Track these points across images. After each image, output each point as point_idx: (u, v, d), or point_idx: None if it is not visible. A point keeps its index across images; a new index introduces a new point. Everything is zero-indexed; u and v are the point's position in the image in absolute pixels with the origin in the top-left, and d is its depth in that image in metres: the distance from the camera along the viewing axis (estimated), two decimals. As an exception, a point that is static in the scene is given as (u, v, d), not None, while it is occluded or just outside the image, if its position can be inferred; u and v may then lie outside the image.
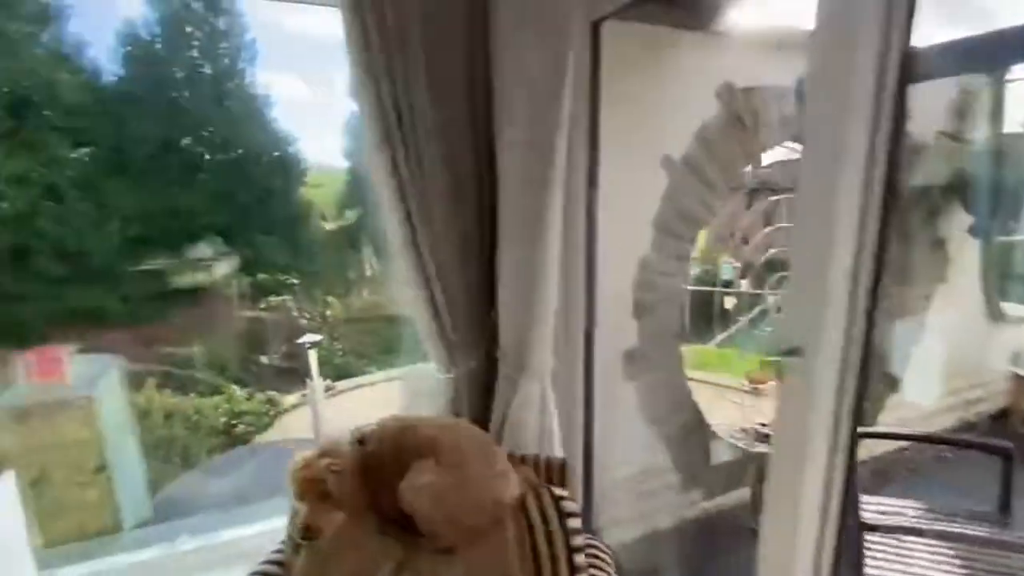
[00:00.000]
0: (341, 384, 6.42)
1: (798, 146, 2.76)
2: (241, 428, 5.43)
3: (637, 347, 2.13)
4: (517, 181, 1.30)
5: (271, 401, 5.88)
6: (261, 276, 16.13)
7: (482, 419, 1.62)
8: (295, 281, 16.34)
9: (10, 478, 1.24)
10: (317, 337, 5.15)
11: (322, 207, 23.02)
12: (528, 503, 1.19)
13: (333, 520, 1.14)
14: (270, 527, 1.94)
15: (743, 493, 2.59)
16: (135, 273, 14.74)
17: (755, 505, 2.65)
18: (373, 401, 7.11)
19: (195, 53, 17.03)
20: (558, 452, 1.60)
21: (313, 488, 1.15)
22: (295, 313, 16.00)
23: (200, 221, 15.82)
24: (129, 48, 15.70)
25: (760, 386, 5.67)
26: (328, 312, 16.05)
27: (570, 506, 1.20)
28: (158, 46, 16.07)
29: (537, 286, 1.37)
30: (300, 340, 5.28)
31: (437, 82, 1.35)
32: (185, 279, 15.29)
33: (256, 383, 13.52)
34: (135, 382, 5.62)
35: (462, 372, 1.60)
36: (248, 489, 3.90)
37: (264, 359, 14.52)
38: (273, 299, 15.00)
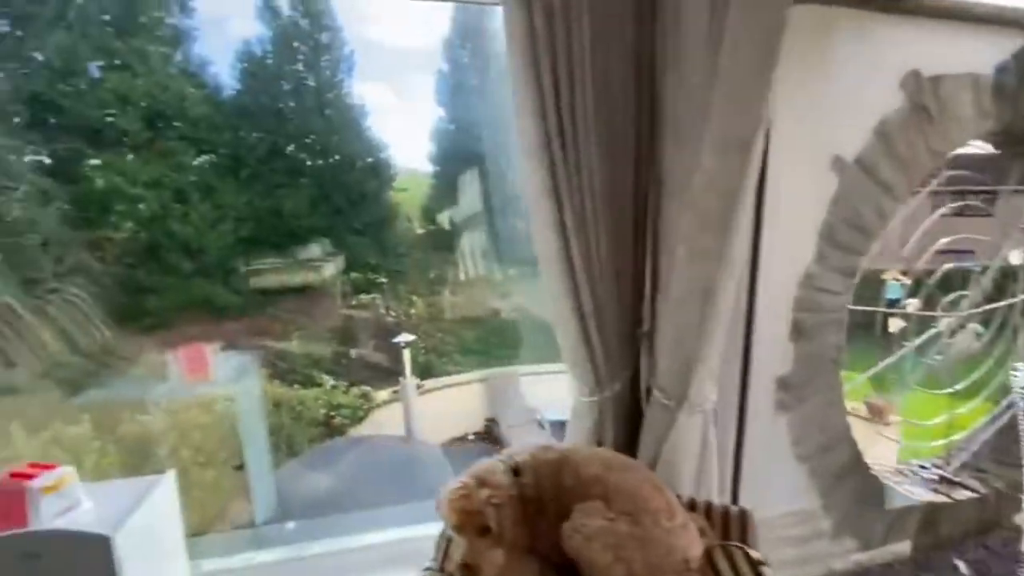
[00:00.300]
0: (429, 383, 6.49)
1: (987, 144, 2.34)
2: (338, 420, 5.62)
3: (791, 374, 1.87)
4: (704, 183, 1.13)
5: (365, 396, 6.06)
6: (353, 275, 17.08)
7: (627, 450, 1.47)
8: (383, 280, 17.11)
9: (171, 477, 1.28)
10: (410, 337, 5.20)
11: (408, 210, 24.07)
12: (718, 563, 1.01)
13: (493, 560, 1.03)
14: (400, 536, 1.91)
15: (904, 547, 2.22)
16: (245, 269, 16.17)
17: (916, 561, 2.27)
18: (459, 400, 7.11)
19: (300, 67, 18.40)
20: (716, 497, 1.41)
21: (472, 521, 1.05)
22: (382, 311, 16.68)
23: (300, 222, 17.03)
24: (245, 64, 17.25)
25: (881, 415, 4.99)
26: (412, 311, 16.58)
27: (768, 573, 1.01)
28: (269, 61, 17.52)
29: (713, 305, 1.19)
30: (395, 339, 5.34)
31: (602, 80, 1.21)
32: (289, 277, 16.56)
33: (346, 376, 14.29)
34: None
35: (607, 396, 1.45)
36: (350, 481, 3.99)
37: (353, 354, 15.26)
38: (364, 297, 15.75)
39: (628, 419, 1.49)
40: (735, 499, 1.71)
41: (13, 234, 11.25)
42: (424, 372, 5.67)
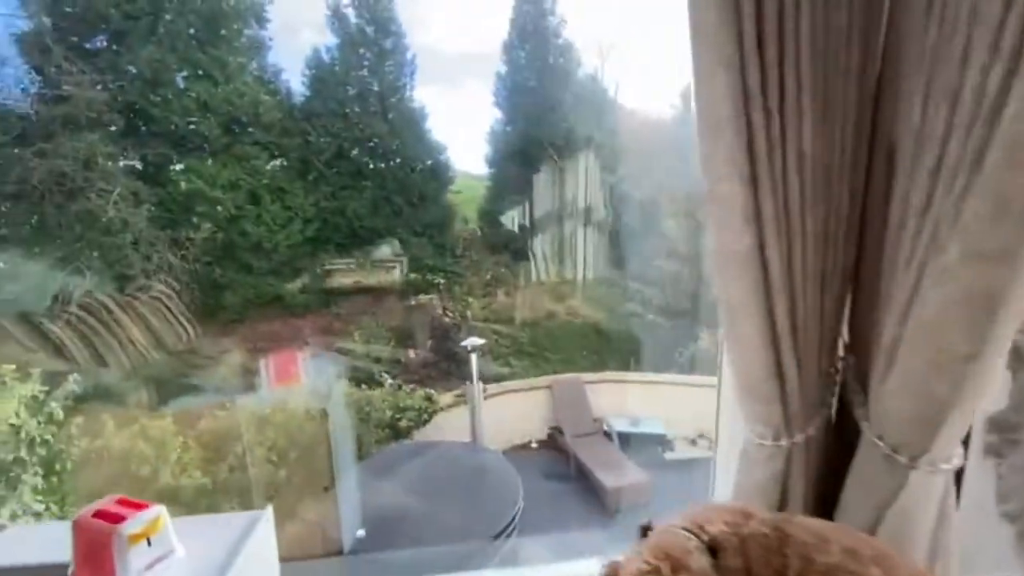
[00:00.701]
0: (492, 387, 6.25)
1: None
2: (404, 423, 5.47)
3: (1007, 411, 1.47)
4: (1006, 156, 0.79)
5: (429, 399, 5.89)
6: (412, 276, 17.33)
7: (823, 510, 1.15)
8: (441, 281, 17.26)
9: (269, 515, 1.10)
10: (479, 341, 4.97)
11: (463, 212, 24.31)
12: None
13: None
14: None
15: None
16: (320, 269, 16.78)
17: None
18: (522, 406, 6.82)
19: (365, 72, 18.93)
20: (955, 573, 1.07)
21: (666, 620, 0.77)
22: (439, 311, 16.75)
23: (363, 223, 17.49)
24: (314, 71, 17.93)
25: None
26: (468, 312, 16.53)
27: None
28: (336, 68, 18.14)
29: (992, 323, 0.85)
30: (463, 343, 5.13)
31: (821, 52, 0.90)
32: (361, 277, 17.06)
33: (404, 374, 14.46)
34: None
35: (798, 441, 1.12)
36: (420, 491, 3.79)
37: (412, 353, 15.39)
38: (422, 297, 15.90)
39: (825, 471, 1.15)
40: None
41: (108, 233, 12.16)
42: (480, 374, 5.47)
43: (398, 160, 18.89)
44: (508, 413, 6.47)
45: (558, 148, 20.16)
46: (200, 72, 14.39)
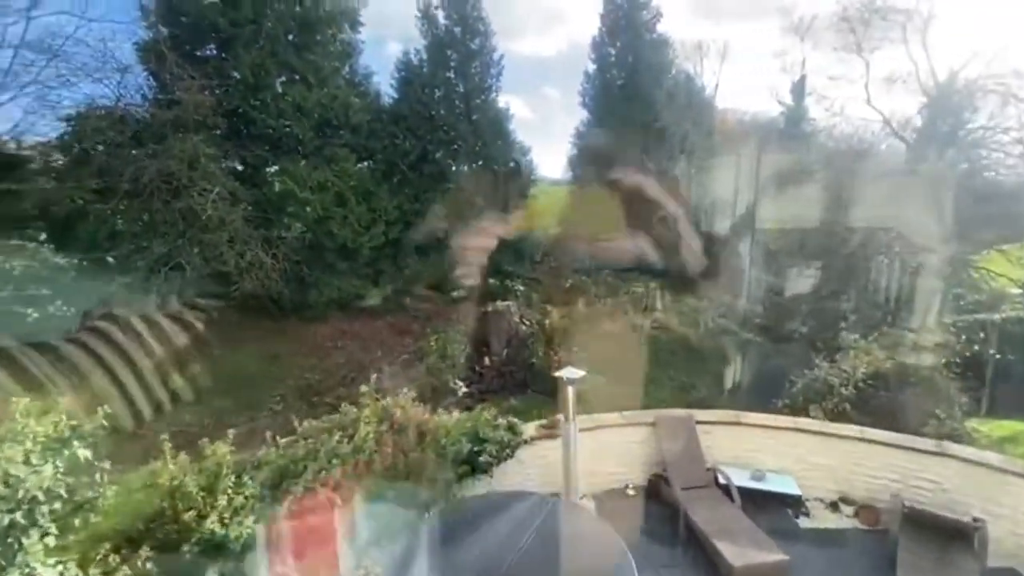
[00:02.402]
0: (582, 419, 5.37)
1: None
2: (483, 458, 4.72)
3: None
4: None
5: (512, 428, 5.11)
6: (490, 281, 16.81)
7: None
8: (520, 288, 16.63)
9: None
10: (579, 373, 4.09)
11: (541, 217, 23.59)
12: None
13: None
14: None
15: None
16: (395, 270, 16.82)
17: None
18: (616, 443, 5.88)
19: (451, 74, 18.78)
20: None
21: None
22: (516, 319, 16.10)
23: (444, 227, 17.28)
24: (402, 73, 18.03)
25: None
26: (547, 321, 15.71)
27: None
28: (424, 69, 18.11)
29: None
30: (558, 373, 4.28)
31: None
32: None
33: (477, 382, 13.95)
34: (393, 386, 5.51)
35: None
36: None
37: (487, 361, 14.87)
38: (499, 304, 15.33)
39: None
40: None
41: (207, 230, 12.73)
42: (554, 390, 4.63)
43: (480, 162, 18.51)
44: (601, 449, 5.59)
45: (649, 150, 18.86)
46: (296, 77, 14.81)
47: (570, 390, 4.33)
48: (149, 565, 2.47)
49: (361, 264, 16.09)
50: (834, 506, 5.13)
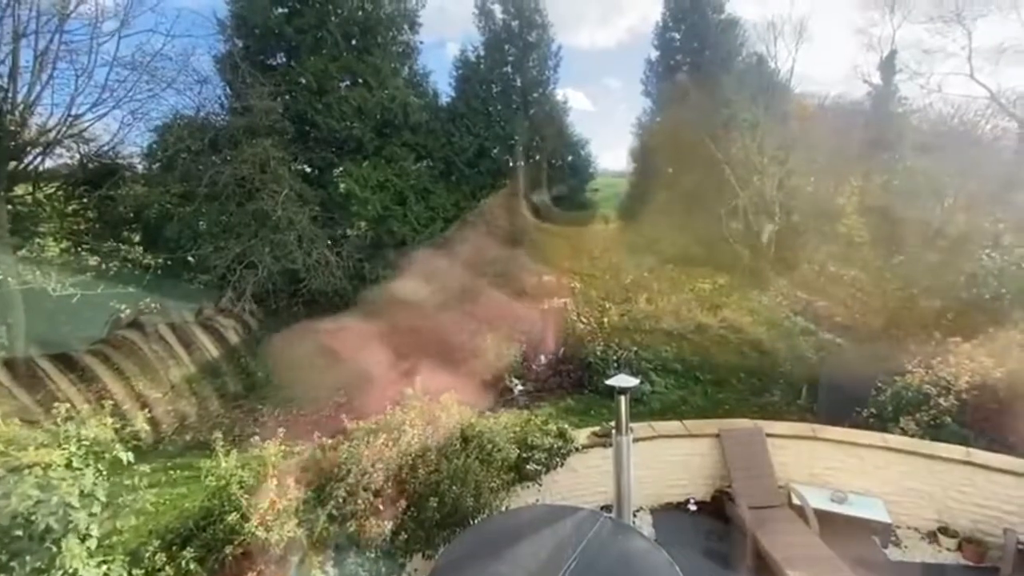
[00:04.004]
0: (640, 428, 5.06)
1: None
2: (531, 466, 4.53)
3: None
4: None
5: (563, 435, 4.88)
6: (546, 277, 16.60)
7: None
8: (578, 284, 16.28)
9: None
10: (632, 381, 3.79)
11: (603, 209, 22.98)
12: None
13: None
14: None
15: None
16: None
17: None
18: (678, 455, 5.50)
19: (508, 69, 18.65)
20: None
21: None
22: (573, 316, 15.76)
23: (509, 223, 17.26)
24: (460, 70, 18.13)
25: None
26: (605, 320, 15.25)
27: None
28: (482, 66, 18.11)
29: None
30: (610, 381, 3.99)
31: None
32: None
33: (530, 381, 13.78)
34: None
35: None
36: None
37: (543, 358, 14.66)
38: (556, 300, 15.04)
39: None
40: None
41: (277, 230, 13.42)
42: (609, 389, 4.32)
43: (537, 157, 18.29)
44: (660, 460, 5.25)
45: (716, 138, 17.78)
46: (359, 80, 15.23)
47: (623, 399, 4.04)
48: (192, 565, 2.50)
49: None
50: (932, 537, 4.50)
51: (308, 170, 15.59)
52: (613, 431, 4.26)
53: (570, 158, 18.93)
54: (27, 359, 8.62)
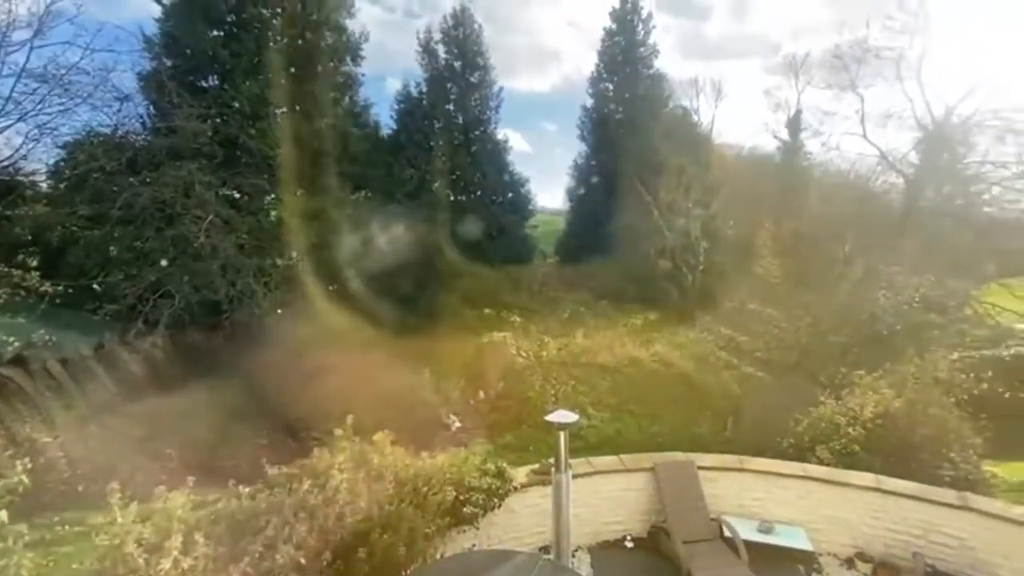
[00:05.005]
0: (578, 464, 5.04)
1: None
2: (468, 509, 4.35)
3: None
4: None
5: (501, 475, 4.75)
6: (487, 311, 16.55)
7: None
8: (517, 319, 16.35)
9: None
10: (572, 417, 3.78)
11: (541, 246, 23.52)
12: None
13: None
14: None
15: None
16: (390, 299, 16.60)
17: None
18: (612, 491, 5.50)
19: (451, 106, 19.03)
20: None
21: None
22: (512, 350, 15.74)
23: (443, 256, 17.17)
24: (402, 104, 18.29)
25: None
26: (543, 353, 15.34)
27: None
28: (424, 101, 18.37)
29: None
30: (549, 417, 3.94)
31: None
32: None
33: (470, 418, 13.50)
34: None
35: None
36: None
37: (482, 394, 14.46)
38: (496, 334, 15.01)
39: None
40: None
41: (199, 258, 12.54)
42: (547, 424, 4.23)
43: (478, 193, 18.56)
44: (598, 498, 5.22)
45: (646, 182, 18.88)
46: (296, 107, 14.91)
47: (562, 435, 4.01)
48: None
49: (348, 295, 15.86)
50: (850, 563, 4.74)
51: (237, 196, 14.82)
52: (552, 468, 4.20)
53: (510, 195, 19.34)
54: None
